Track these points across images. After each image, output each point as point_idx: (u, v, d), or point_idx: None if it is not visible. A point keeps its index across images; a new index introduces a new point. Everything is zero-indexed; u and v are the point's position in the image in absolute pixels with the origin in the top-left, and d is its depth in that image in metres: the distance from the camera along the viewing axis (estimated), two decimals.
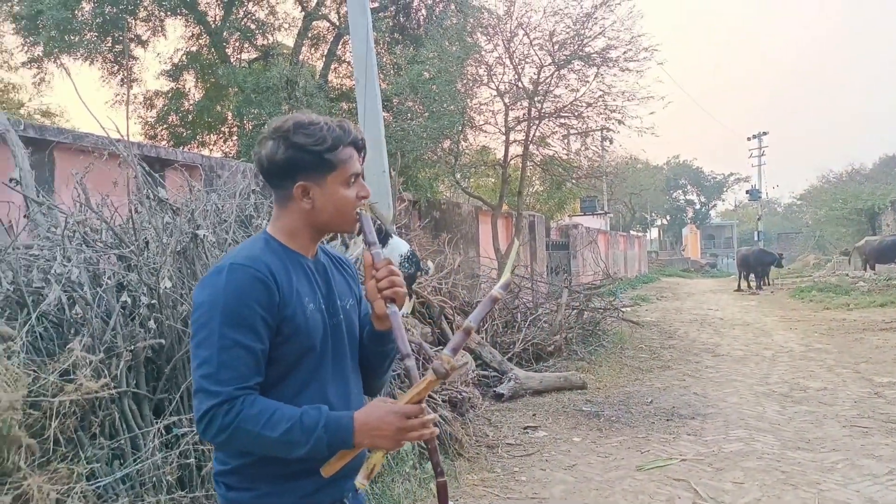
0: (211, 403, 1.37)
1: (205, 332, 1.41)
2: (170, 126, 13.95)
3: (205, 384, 1.38)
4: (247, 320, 1.41)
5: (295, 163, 1.51)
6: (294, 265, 1.54)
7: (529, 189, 13.62)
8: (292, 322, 1.47)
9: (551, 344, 8.63)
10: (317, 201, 1.53)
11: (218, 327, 1.40)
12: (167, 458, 3.17)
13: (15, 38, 13.07)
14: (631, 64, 11.67)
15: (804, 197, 48.76)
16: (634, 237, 36.09)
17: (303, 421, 1.39)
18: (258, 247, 1.53)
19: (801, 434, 5.50)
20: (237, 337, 1.39)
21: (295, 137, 1.50)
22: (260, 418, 1.36)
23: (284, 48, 14.20)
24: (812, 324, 12.82)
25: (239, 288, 1.42)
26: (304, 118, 1.53)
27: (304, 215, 1.55)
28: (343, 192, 1.54)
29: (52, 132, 5.86)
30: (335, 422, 1.41)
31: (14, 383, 2.76)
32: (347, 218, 1.57)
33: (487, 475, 4.64)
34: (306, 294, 1.53)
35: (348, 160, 1.54)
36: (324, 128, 1.52)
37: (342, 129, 1.54)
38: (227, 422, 1.36)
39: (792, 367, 8.47)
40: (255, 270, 1.44)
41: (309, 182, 1.52)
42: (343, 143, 1.52)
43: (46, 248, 3.82)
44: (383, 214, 7.04)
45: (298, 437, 1.38)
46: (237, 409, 1.36)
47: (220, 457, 1.53)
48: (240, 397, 1.37)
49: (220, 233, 4.32)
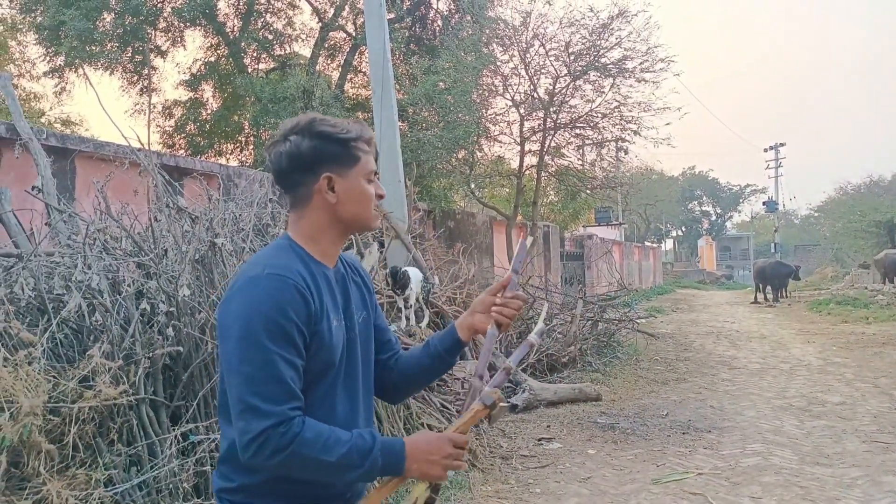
0: (265, 425, 1.27)
1: (246, 347, 1.32)
2: (188, 135, 14.12)
3: (254, 402, 1.28)
4: (289, 334, 1.33)
5: (321, 152, 1.47)
6: (320, 276, 1.47)
7: (544, 199, 13.64)
8: (321, 337, 1.41)
9: (566, 355, 8.59)
10: (341, 194, 1.48)
11: (261, 341, 1.31)
12: (184, 465, 3.19)
13: (37, 48, 13.33)
14: (647, 75, 11.70)
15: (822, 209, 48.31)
16: (649, 248, 35.93)
17: (357, 444, 1.34)
18: (285, 254, 1.45)
19: (819, 449, 5.43)
20: (282, 352, 1.32)
21: (320, 127, 1.47)
22: (317, 442, 1.30)
23: (301, 58, 14.34)
24: (830, 337, 12.66)
25: (279, 299, 1.34)
26: (317, 115, 1.51)
27: (329, 211, 1.49)
28: (366, 186, 1.51)
29: (74, 141, 5.95)
30: (389, 446, 1.37)
31: (34, 389, 2.80)
32: (369, 213, 1.53)
33: (502, 486, 4.61)
34: (331, 309, 1.47)
35: (368, 154, 1.52)
36: (347, 123, 1.51)
37: (362, 127, 1.53)
38: (284, 444, 1.28)
39: (810, 381, 8.36)
40: (293, 281, 1.37)
41: (334, 174, 1.47)
42: (363, 135, 1.51)
43: (67, 255, 3.87)
44: (398, 225, 7.07)
45: (355, 461, 1.33)
46: (294, 432, 1.28)
47: (225, 472, 1.45)
48: (294, 418, 1.30)
49: (238, 242, 4.36)
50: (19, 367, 2.82)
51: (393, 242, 7.05)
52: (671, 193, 51.13)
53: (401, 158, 7.21)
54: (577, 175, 13.67)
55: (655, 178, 41.35)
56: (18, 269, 3.53)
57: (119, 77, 13.50)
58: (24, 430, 2.67)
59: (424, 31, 13.91)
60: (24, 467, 2.74)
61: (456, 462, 1.40)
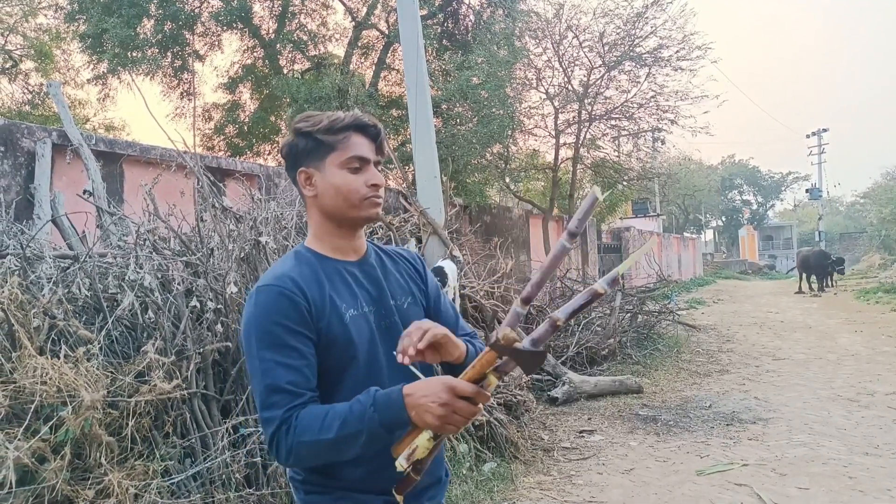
0: (271, 430, 1.35)
1: (249, 361, 1.41)
2: (227, 137, 14.38)
3: (263, 413, 1.37)
4: (280, 338, 1.38)
5: (294, 148, 1.52)
6: (330, 273, 1.50)
7: (580, 192, 13.49)
8: (327, 334, 1.44)
9: (605, 347, 8.55)
10: (318, 187, 1.51)
11: (257, 352, 1.39)
12: (235, 456, 3.29)
13: (81, 56, 13.73)
14: (683, 63, 11.51)
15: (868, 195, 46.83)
16: (688, 239, 35.35)
17: (353, 410, 1.33)
18: (288, 263, 1.50)
19: (869, 439, 5.32)
20: (275, 357, 1.37)
21: (296, 125, 1.52)
22: (313, 426, 1.33)
23: (335, 58, 14.47)
24: (878, 326, 12.33)
25: (266, 309, 1.40)
26: (308, 112, 1.54)
27: (313, 206, 1.54)
28: (344, 174, 1.49)
29: (121, 145, 6.13)
30: (384, 397, 1.34)
31: (94, 384, 2.92)
32: (353, 202, 1.50)
33: (544, 478, 4.63)
34: (344, 300, 1.48)
35: (349, 143, 1.49)
36: (326, 114, 1.51)
37: (346, 114, 1.51)
38: (290, 442, 1.34)
39: (858, 371, 8.18)
40: (279, 288, 1.42)
41: (310, 168, 1.51)
42: (341, 124, 1.49)
43: (119, 256, 4.02)
44: (435, 220, 7.12)
45: (354, 427, 1.31)
46: (293, 427, 1.34)
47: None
48: (293, 415, 1.35)
49: (280, 240, 4.46)
50: (79, 363, 2.95)
51: (430, 238, 7.10)
52: (710, 183, 50.11)
53: (436, 154, 7.25)
54: (614, 167, 13.53)
55: (694, 167, 40.61)
56: (75, 269, 3.67)
57: (159, 82, 13.83)
58: (85, 423, 2.80)
59: (457, 27, 13.90)
60: (87, 459, 2.87)
61: (455, 416, 1.28)
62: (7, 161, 5.16)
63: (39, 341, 3.06)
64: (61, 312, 3.26)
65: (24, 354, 2.89)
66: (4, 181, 5.12)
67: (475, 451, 4.70)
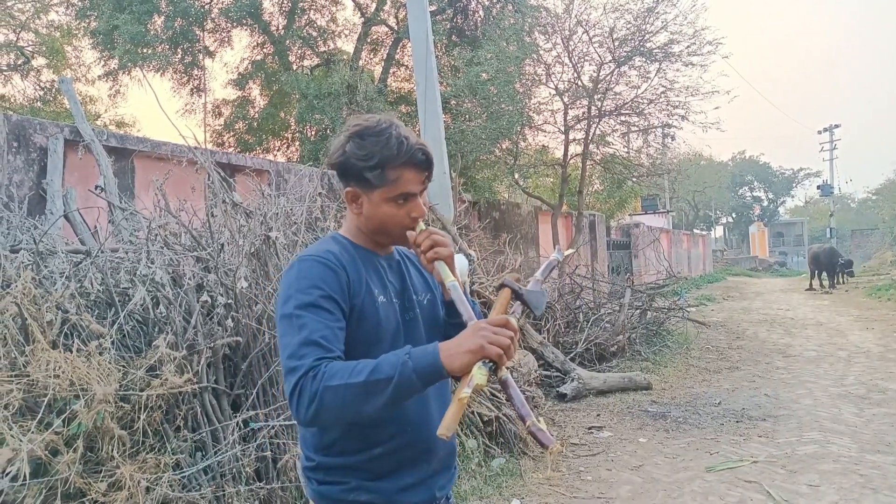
0: (296, 377, 1.33)
1: (282, 323, 1.42)
2: (236, 133, 14.44)
3: (289, 363, 1.36)
4: (317, 301, 1.41)
5: (344, 168, 1.54)
6: (364, 260, 1.56)
7: (589, 188, 13.49)
8: (361, 310, 1.48)
9: (614, 344, 8.53)
10: (364, 209, 1.55)
11: (293, 310, 1.40)
12: (245, 450, 3.31)
13: (92, 52, 13.82)
14: (694, 58, 11.46)
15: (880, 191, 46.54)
16: (698, 236, 35.18)
17: (386, 358, 1.33)
18: (328, 244, 1.56)
19: (880, 437, 5.29)
20: (311, 315, 1.39)
21: (349, 144, 1.51)
22: (343, 372, 1.31)
23: (345, 54, 14.49)
24: (890, 324, 12.24)
25: (308, 273, 1.45)
26: (373, 125, 1.51)
27: (356, 220, 1.59)
28: (387, 209, 1.52)
29: (133, 141, 6.16)
30: (419, 349, 1.35)
31: (106, 378, 2.95)
32: (392, 234, 1.57)
33: (553, 474, 4.64)
34: (376, 286, 1.54)
35: (397, 180, 1.50)
36: (379, 142, 1.49)
37: (399, 146, 1.49)
38: (315, 388, 1.30)
39: (869, 369, 8.13)
40: (322, 258, 1.47)
41: (358, 189, 1.54)
42: (392, 162, 1.49)
43: (131, 250, 4.04)
44: (444, 216, 7.12)
45: (386, 372, 1.29)
46: (322, 373, 1.31)
47: (306, 452, 1.57)
48: (322, 363, 1.34)
49: (290, 235, 4.48)
50: (92, 357, 2.97)
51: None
52: (720, 179, 49.86)
53: (445, 150, 7.24)
54: (623, 163, 13.49)
55: (704, 163, 40.41)
56: (87, 264, 3.70)
57: (170, 78, 13.89)
58: (97, 416, 2.82)
59: (466, 23, 13.88)
60: (99, 451, 2.90)
61: (494, 336, 1.31)
62: (20, 157, 5.20)
63: (52, 335, 3.09)
64: (74, 307, 3.28)
65: (37, 348, 2.91)
66: (17, 177, 5.16)
67: (484, 446, 4.71)
